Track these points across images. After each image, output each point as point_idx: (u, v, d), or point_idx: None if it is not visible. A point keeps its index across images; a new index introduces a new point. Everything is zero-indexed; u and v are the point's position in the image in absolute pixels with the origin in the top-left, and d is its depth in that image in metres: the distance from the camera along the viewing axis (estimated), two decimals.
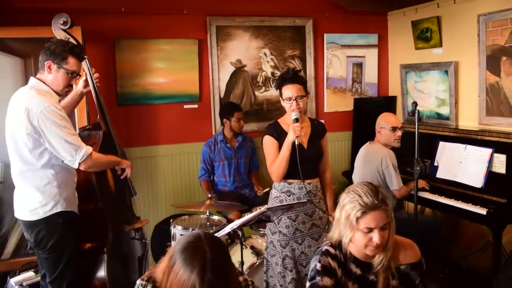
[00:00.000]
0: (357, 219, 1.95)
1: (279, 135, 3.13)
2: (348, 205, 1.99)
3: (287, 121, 3.15)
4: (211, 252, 1.58)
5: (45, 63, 2.77)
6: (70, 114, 3.11)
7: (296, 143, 2.95)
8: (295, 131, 2.96)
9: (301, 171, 3.00)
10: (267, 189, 4.32)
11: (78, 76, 2.93)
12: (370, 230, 1.94)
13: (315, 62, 5.22)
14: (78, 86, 3.25)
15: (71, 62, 2.80)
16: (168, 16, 4.57)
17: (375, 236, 1.94)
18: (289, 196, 3.15)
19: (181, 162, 4.77)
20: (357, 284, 2.06)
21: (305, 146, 3.16)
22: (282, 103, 3.16)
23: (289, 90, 3.08)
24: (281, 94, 3.16)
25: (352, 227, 1.97)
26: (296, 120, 3.01)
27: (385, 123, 3.95)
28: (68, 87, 2.88)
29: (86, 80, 3.25)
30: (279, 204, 3.05)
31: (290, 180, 3.15)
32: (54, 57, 2.77)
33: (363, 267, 2.07)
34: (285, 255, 3.12)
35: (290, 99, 3.08)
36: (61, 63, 2.77)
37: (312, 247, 3.10)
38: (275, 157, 3.11)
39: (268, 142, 3.18)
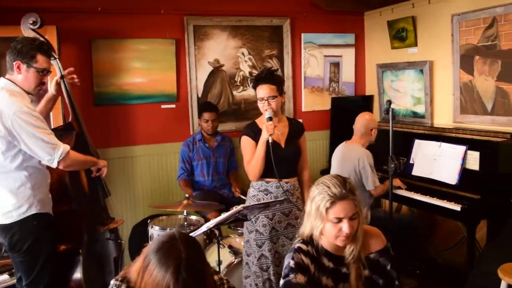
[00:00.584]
0: (327, 209, 1.98)
1: (256, 134, 3.15)
2: (318, 197, 2.03)
3: (263, 121, 3.16)
4: (186, 252, 1.57)
5: (14, 63, 2.71)
6: (45, 119, 3.06)
7: (270, 141, 2.98)
8: (268, 130, 2.99)
9: (279, 170, 3.03)
10: (242, 197, 4.34)
11: (49, 73, 2.89)
12: (340, 220, 1.98)
13: (293, 61, 5.24)
14: (50, 90, 3.22)
15: (41, 60, 2.75)
16: (145, 15, 4.54)
17: (345, 226, 1.97)
18: (266, 195, 3.16)
19: (158, 162, 4.74)
20: (330, 277, 2.08)
21: (283, 145, 3.18)
22: (258, 103, 3.19)
23: (262, 91, 3.12)
24: (256, 94, 3.19)
25: (322, 218, 2.00)
26: (270, 119, 3.03)
27: (375, 123, 4.07)
28: (40, 85, 2.82)
29: (58, 83, 3.21)
30: (256, 203, 3.06)
31: (267, 179, 3.16)
32: (22, 57, 2.71)
33: (335, 261, 2.10)
34: (260, 254, 3.13)
35: (262, 99, 3.12)
36: (30, 62, 2.72)
37: (286, 247, 3.11)
38: (251, 157, 3.13)
39: (245, 142, 3.20)
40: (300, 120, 3.58)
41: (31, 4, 3.81)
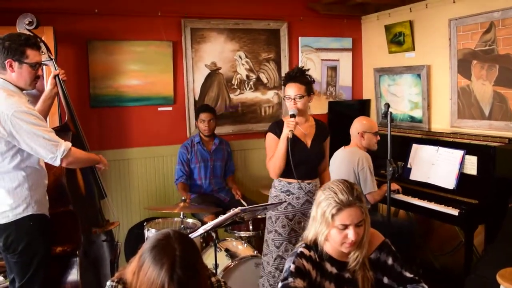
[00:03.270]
0: (333, 216, 1.96)
1: (281, 132, 3.17)
2: (324, 202, 2.01)
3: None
4: (180, 250, 1.57)
5: (5, 62, 2.66)
6: (45, 119, 3.03)
7: (289, 136, 3.02)
8: (288, 125, 3.04)
9: (301, 170, 3.10)
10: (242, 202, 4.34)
11: (42, 66, 2.86)
12: (346, 227, 1.96)
13: (290, 65, 5.23)
14: (47, 88, 3.20)
15: (31, 54, 2.71)
16: (142, 17, 4.53)
17: (350, 233, 1.95)
18: (288, 195, 3.20)
19: (155, 165, 4.72)
20: (333, 283, 2.07)
21: (308, 145, 3.23)
22: (285, 101, 3.25)
23: (290, 89, 3.17)
24: (284, 92, 3.25)
25: (328, 224, 1.98)
26: (293, 115, 3.08)
27: (369, 127, 4.02)
28: (35, 79, 2.79)
29: (53, 82, 3.19)
30: (256, 205, 3.06)
31: (289, 180, 3.19)
32: (13, 54, 2.66)
33: (338, 266, 2.08)
34: (277, 255, 3.16)
35: (289, 98, 3.16)
36: (21, 58, 2.68)
37: None
38: (273, 153, 3.17)
39: (269, 138, 3.26)
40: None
41: (28, 5, 3.79)
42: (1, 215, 2.67)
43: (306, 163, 3.16)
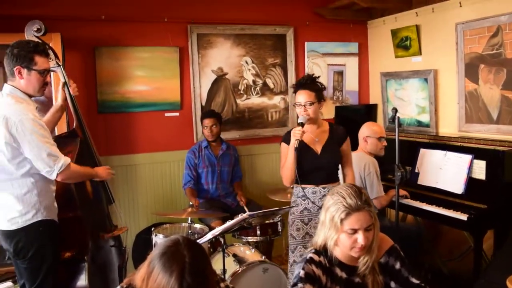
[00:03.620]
0: (341, 220, 1.96)
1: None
2: (333, 207, 2.00)
3: (305, 128, 3.21)
4: (190, 256, 1.56)
5: (14, 69, 2.68)
6: (52, 130, 3.04)
7: (295, 146, 3.03)
8: (294, 135, 3.06)
9: (313, 176, 3.14)
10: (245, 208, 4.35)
11: (50, 72, 2.87)
12: (355, 231, 1.96)
13: (296, 70, 5.24)
14: (57, 101, 3.23)
15: (39, 61, 2.73)
16: (148, 23, 4.55)
17: (360, 237, 1.95)
18: (304, 200, 3.21)
19: (162, 170, 4.72)
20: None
21: (318, 152, 3.23)
22: (296, 108, 3.27)
23: (300, 96, 3.19)
24: (295, 99, 3.26)
25: (337, 229, 1.98)
26: (301, 124, 3.10)
27: (372, 132, 4.00)
28: (44, 86, 2.81)
29: (64, 94, 3.23)
30: (263, 210, 3.06)
31: (304, 185, 3.20)
32: (22, 61, 2.68)
33: (348, 271, 2.07)
34: (293, 260, 3.18)
35: (300, 104, 3.18)
36: (29, 65, 2.69)
37: None
38: (285, 162, 3.19)
39: (282, 147, 3.29)
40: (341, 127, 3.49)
41: (36, 12, 3.82)
42: (10, 221, 2.68)
43: (317, 170, 3.17)
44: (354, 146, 4.06)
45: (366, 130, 4.03)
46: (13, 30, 3.50)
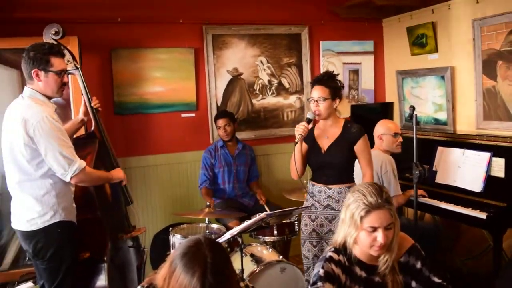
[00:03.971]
0: (361, 218, 1.96)
1: (307, 136, 3.20)
2: (353, 205, 2.01)
3: (318, 124, 3.27)
4: (212, 257, 1.57)
5: (32, 72, 2.72)
6: (70, 137, 3.07)
7: (295, 141, 3.07)
8: (297, 130, 3.07)
9: (318, 174, 3.18)
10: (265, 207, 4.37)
11: (67, 72, 2.91)
12: (374, 229, 1.95)
13: (312, 69, 5.23)
14: (79, 114, 3.29)
15: (56, 62, 2.76)
16: (164, 25, 4.57)
17: (379, 236, 1.94)
18: (312, 197, 3.24)
19: (179, 171, 4.75)
20: (363, 287, 2.06)
21: (324, 150, 3.21)
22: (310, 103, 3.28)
23: (315, 91, 3.20)
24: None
25: (357, 227, 1.98)
26: (308, 120, 3.11)
27: (386, 129, 3.97)
28: (62, 86, 2.84)
29: (85, 110, 3.30)
30: (282, 209, 3.08)
31: (314, 182, 3.25)
32: (38, 64, 2.71)
33: (368, 270, 2.07)
34: (303, 254, 3.24)
35: (313, 99, 3.19)
36: (46, 67, 2.73)
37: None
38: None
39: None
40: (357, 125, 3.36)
41: (53, 15, 3.85)
42: (30, 222, 2.72)
43: (322, 168, 3.18)
44: (370, 145, 4.05)
45: (380, 128, 4.01)
46: (31, 34, 3.54)
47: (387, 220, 1.96)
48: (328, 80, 3.20)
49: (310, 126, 3.13)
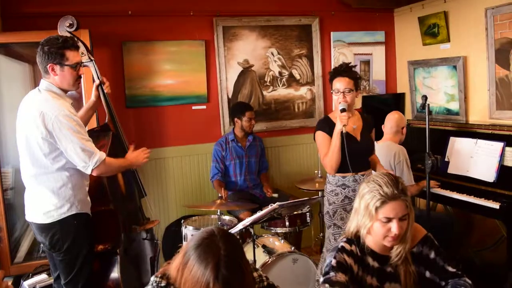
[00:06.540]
0: (376, 208, 1.95)
1: (331, 128, 3.22)
2: (368, 195, 2.00)
3: (336, 114, 3.25)
4: (225, 248, 1.58)
5: (47, 67, 2.73)
6: (85, 126, 3.09)
7: (344, 131, 3.07)
8: (341, 120, 3.08)
9: (354, 163, 3.13)
10: (276, 195, 4.37)
11: (82, 65, 2.92)
12: (389, 220, 1.95)
13: (322, 60, 5.21)
14: (91, 99, 3.29)
15: (71, 55, 2.77)
16: (174, 17, 4.58)
17: (394, 227, 1.94)
18: (344, 189, 3.24)
19: (190, 163, 4.77)
20: (375, 277, 2.05)
21: (358, 138, 3.28)
22: (333, 96, 3.29)
23: (339, 83, 3.22)
24: (332, 87, 3.30)
25: (371, 217, 1.97)
26: (343, 110, 3.12)
27: (404, 122, 4.06)
28: (78, 79, 2.86)
29: (97, 93, 3.29)
30: (295, 200, 3.08)
31: (343, 174, 3.23)
32: (53, 58, 2.72)
33: (380, 260, 2.06)
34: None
35: (338, 91, 3.20)
36: (61, 61, 2.74)
37: None
38: (327, 150, 3.21)
39: (320, 137, 3.30)
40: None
41: (65, 9, 3.87)
42: (46, 214, 2.74)
43: (358, 156, 3.19)
44: (379, 135, 4.04)
45: (401, 121, 4.04)
46: (44, 28, 3.58)
47: (402, 211, 1.95)
48: (350, 71, 3.25)
49: None
